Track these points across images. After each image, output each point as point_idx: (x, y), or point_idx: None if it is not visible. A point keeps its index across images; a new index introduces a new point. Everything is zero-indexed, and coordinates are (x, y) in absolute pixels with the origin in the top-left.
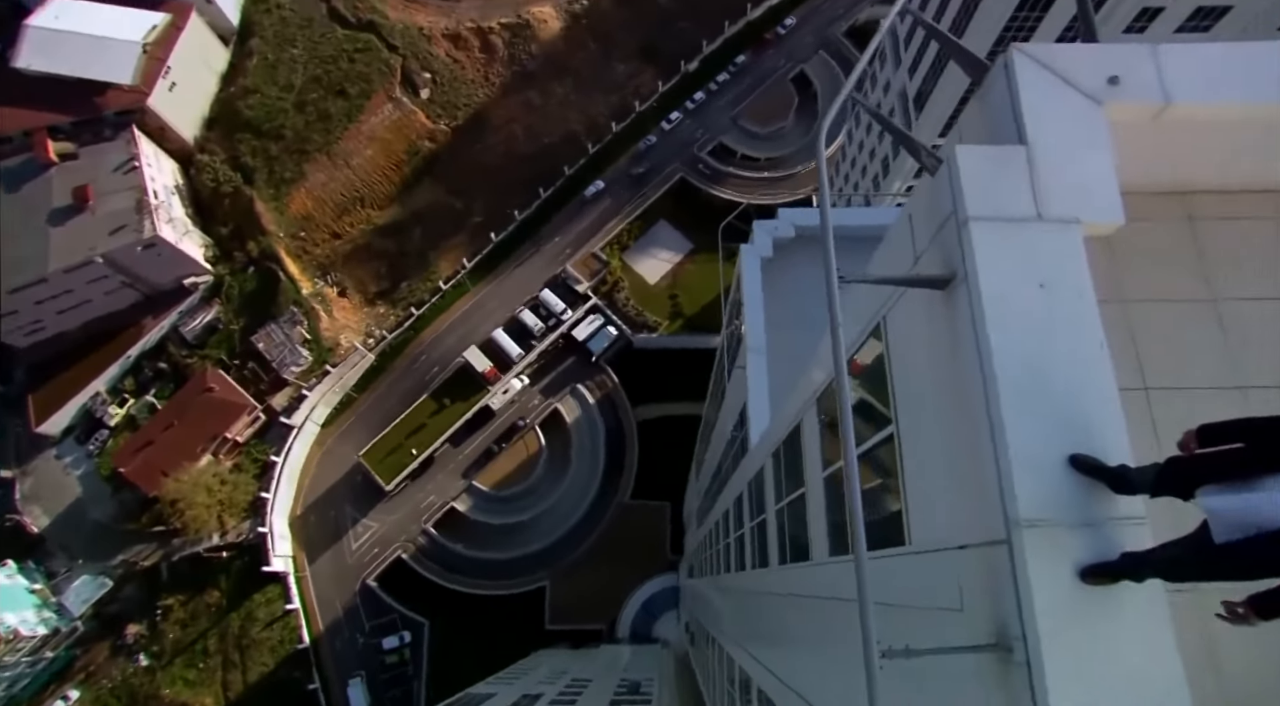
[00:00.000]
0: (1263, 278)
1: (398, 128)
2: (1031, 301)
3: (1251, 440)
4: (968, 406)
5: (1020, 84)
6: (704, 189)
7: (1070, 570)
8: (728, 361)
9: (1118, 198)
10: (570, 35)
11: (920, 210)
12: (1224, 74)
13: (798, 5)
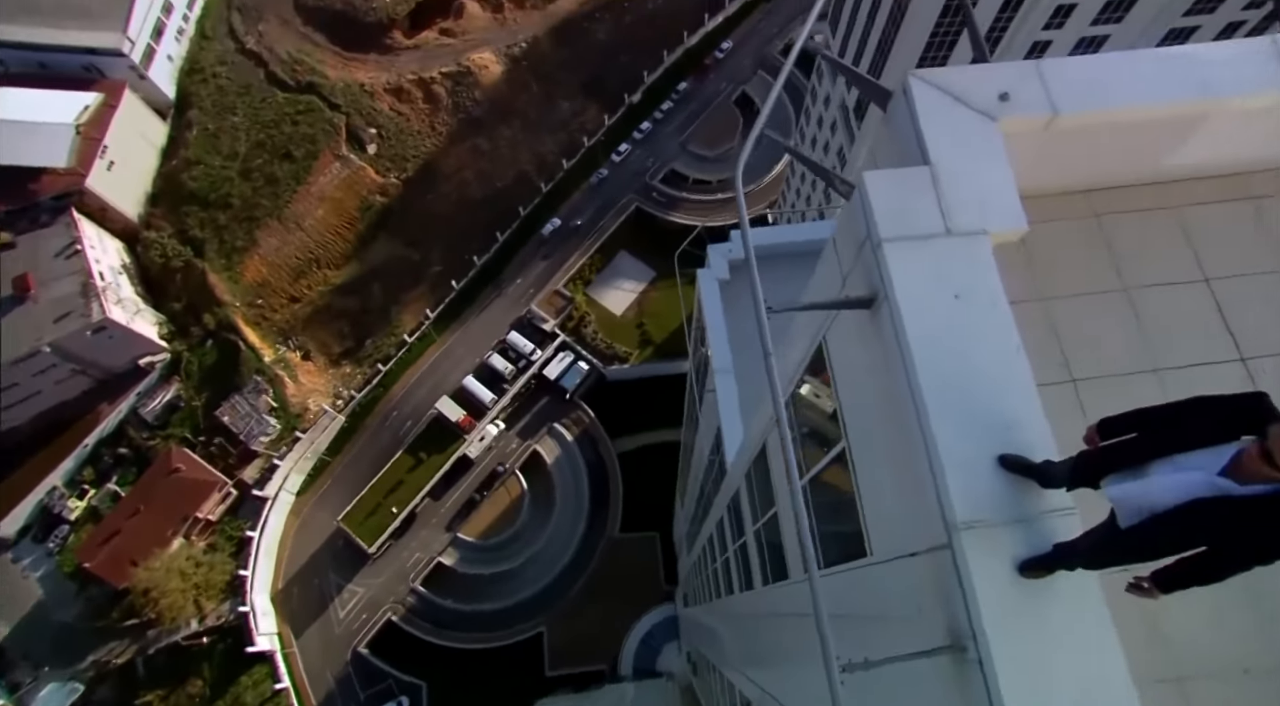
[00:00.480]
0: (1166, 264)
1: (347, 185)
2: (948, 313)
3: (1142, 429)
4: (902, 418)
5: (919, 108)
6: (660, 216)
7: (1009, 566)
8: (698, 386)
9: (1019, 206)
10: (512, 78)
11: (842, 235)
12: (1103, 83)
13: (733, 29)
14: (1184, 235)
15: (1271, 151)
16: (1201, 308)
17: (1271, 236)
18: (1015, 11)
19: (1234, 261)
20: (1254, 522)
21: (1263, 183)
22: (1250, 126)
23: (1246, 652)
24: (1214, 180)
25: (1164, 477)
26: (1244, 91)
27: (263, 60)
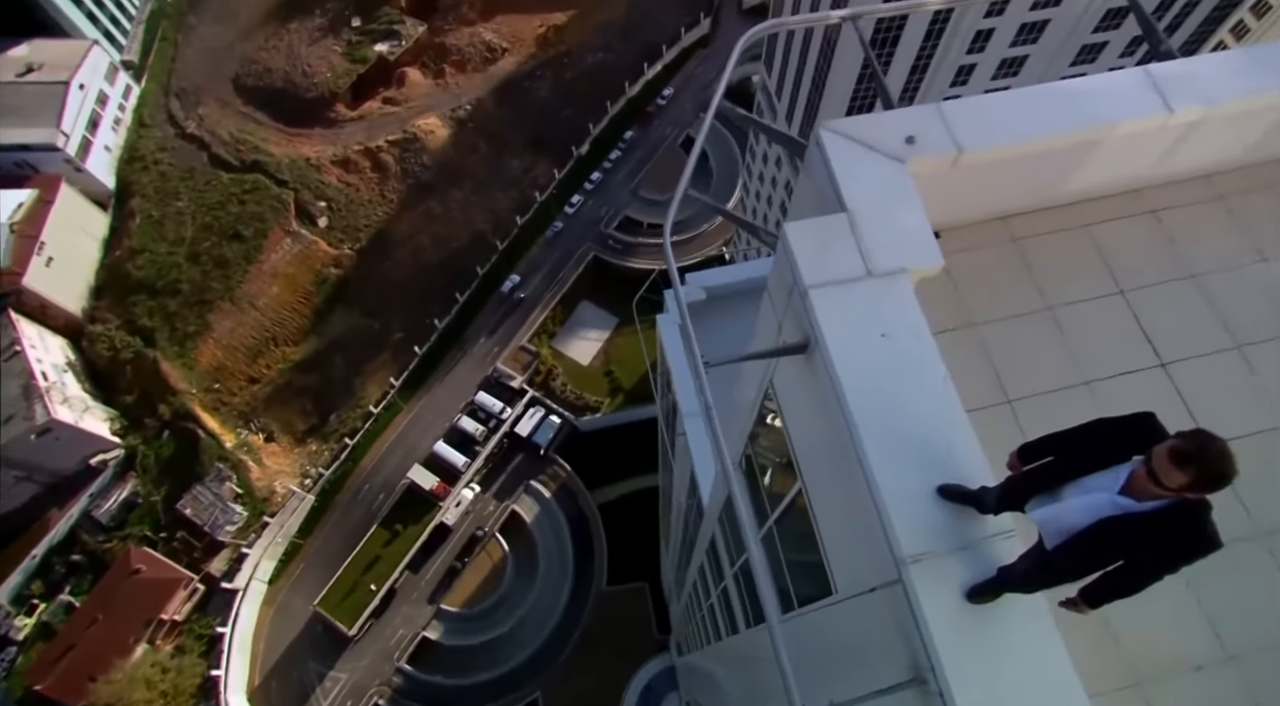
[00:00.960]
0: (1083, 280)
1: (300, 260)
2: (876, 352)
3: (1057, 453)
4: (845, 457)
5: (831, 157)
6: (618, 263)
7: (958, 594)
8: (668, 432)
9: (934, 244)
10: (460, 140)
11: (773, 284)
12: (1002, 119)
13: (672, 77)
14: (1097, 251)
15: (1160, 169)
16: (1120, 319)
17: (1172, 246)
18: (938, 41)
19: (1144, 272)
20: (1156, 535)
21: (1157, 197)
22: (1137, 148)
23: (1197, 650)
24: (1116, 197)
25: (1075, 500)
26: (1127, 117)
27: (205, 143)
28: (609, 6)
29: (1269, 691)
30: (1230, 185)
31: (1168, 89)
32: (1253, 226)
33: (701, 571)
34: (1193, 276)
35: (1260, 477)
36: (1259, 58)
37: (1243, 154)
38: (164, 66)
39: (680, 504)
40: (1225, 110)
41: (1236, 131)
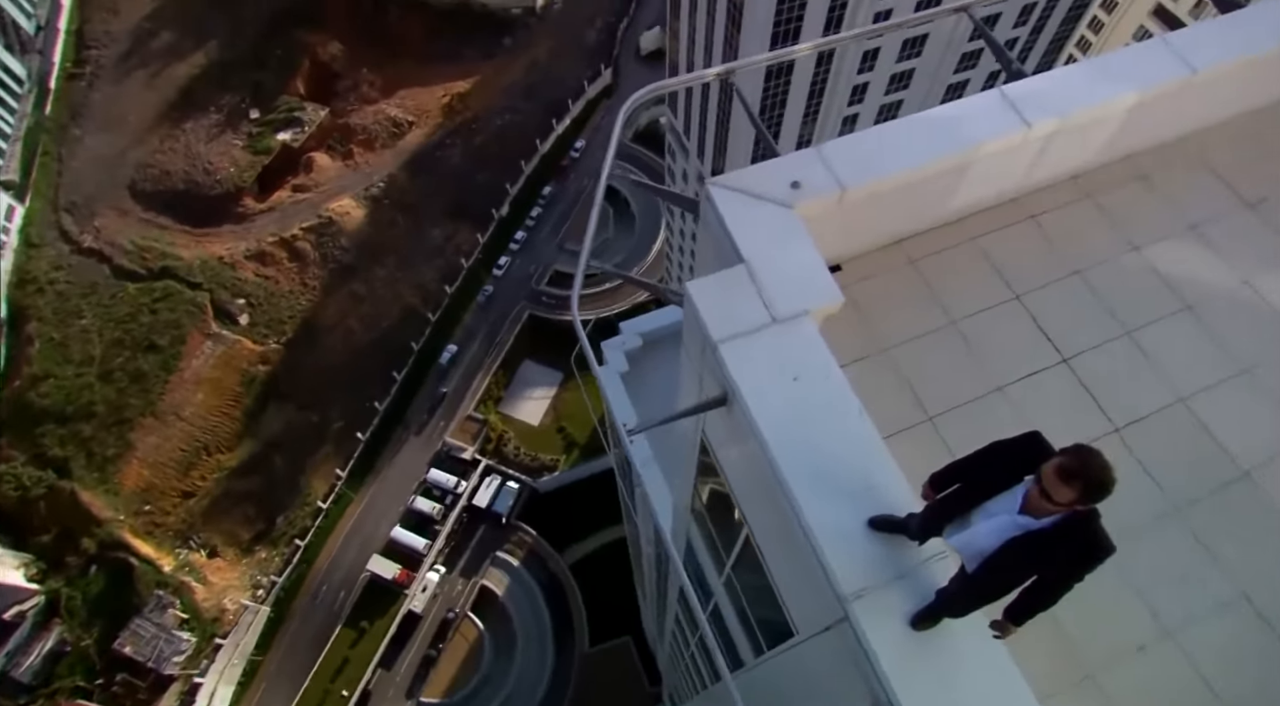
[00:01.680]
0: (980, 290)
1: (224, 362)
2: (790, 397)
3: (960, 480)
4: (777, 500)
5: (722, 211)
6: (554, 318)
7: (902, 624)
8: (625, 483)
9: (832, 282)
10: (377, 218)
11: (688, 341)
12: (878, 154)
13: (582, 129)
14: (988, 261)
15: (1031, 178)
16: (1019, 322)
17: (1054, 246)
18: (821, 98)
19: (1033, 275)
20: (1058, 550)
21: (1033, 203)
22: (1006, 161)
23: (1137, 631)
24: (997, 208)
25: (982, 524)
26: (991, 137)
27: (105, 255)
28: (510, 69)
29: (1207, 660)
30: (1094, 183)
31: (1023, 106)
32: (1120, 218)
33: (678, 619)
34: (1076, 272)
35: (1166, 453)
36: (1098, 69)
37: (1099, 154)
38: (49, 182)
39: (648, 553)
40: (1076, 119)
41: (1089, 136)
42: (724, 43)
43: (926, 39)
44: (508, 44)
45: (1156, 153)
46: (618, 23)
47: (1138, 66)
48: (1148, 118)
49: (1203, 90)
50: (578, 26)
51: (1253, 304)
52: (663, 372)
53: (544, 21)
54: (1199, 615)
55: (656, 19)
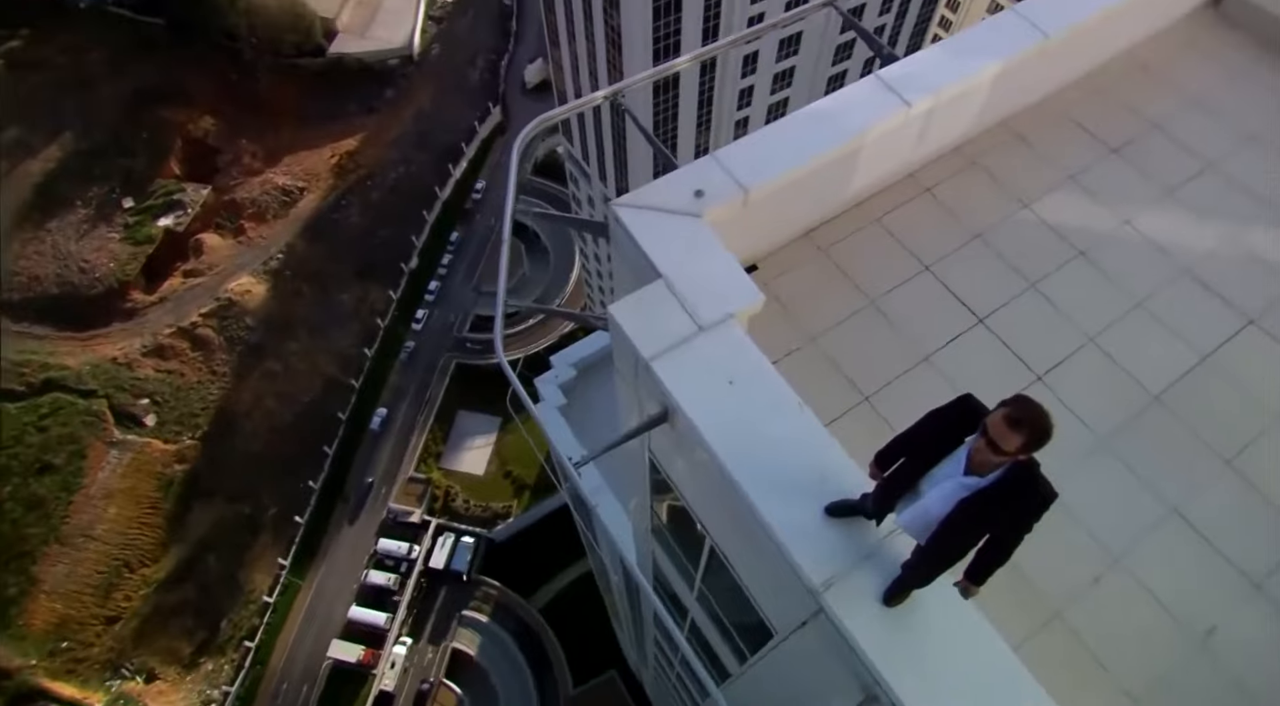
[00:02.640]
0: (892, 267)
1: (135, 470)
2: (729, 399)
3: (904, 453)
4: (733, 505)
5: (631, 229)
6: (482, 363)
7: (876, 605)
8: (581, 516)
9: (749, 283)
10: (280, 291)
11: (619, 365)
12: (773, 152)
13: (480, 169)
14: (893, 238)
15: (920, 152)
16: (933, 292)
17: (952, 215)
18: (710, 106)
19: (937, 244)
20: (1005, 503)
21: (926, 176)
22: (894, 141)
23: (1091, 563)
24: (894, 186)
25: (931, 493)
26: (876, 120)
27: None
28: (396, 120)
29: (1154, 578)
30: (977, 150)
31: (900, 87)
32: (1006, 179)
33: (657, 642)
34: (977, 236)
35: (1086, 392)
36: (962, 45)
37: (977, 122)
38: None
39: (616, 582)
40: (950, 93)
41: (965, 107)
42: (607, 65)
43: (801, 36)
44: (390, 96)
45: (1027, 114)
46: (499, 60)
47: (997, 38)
48: (1014, 83)
49: (1056, 52)
50: (459, 69)
51: (1135, 241)
52: (602, 398)
53: (423, 69)
54: (1139, 537)
55: (537, 51)
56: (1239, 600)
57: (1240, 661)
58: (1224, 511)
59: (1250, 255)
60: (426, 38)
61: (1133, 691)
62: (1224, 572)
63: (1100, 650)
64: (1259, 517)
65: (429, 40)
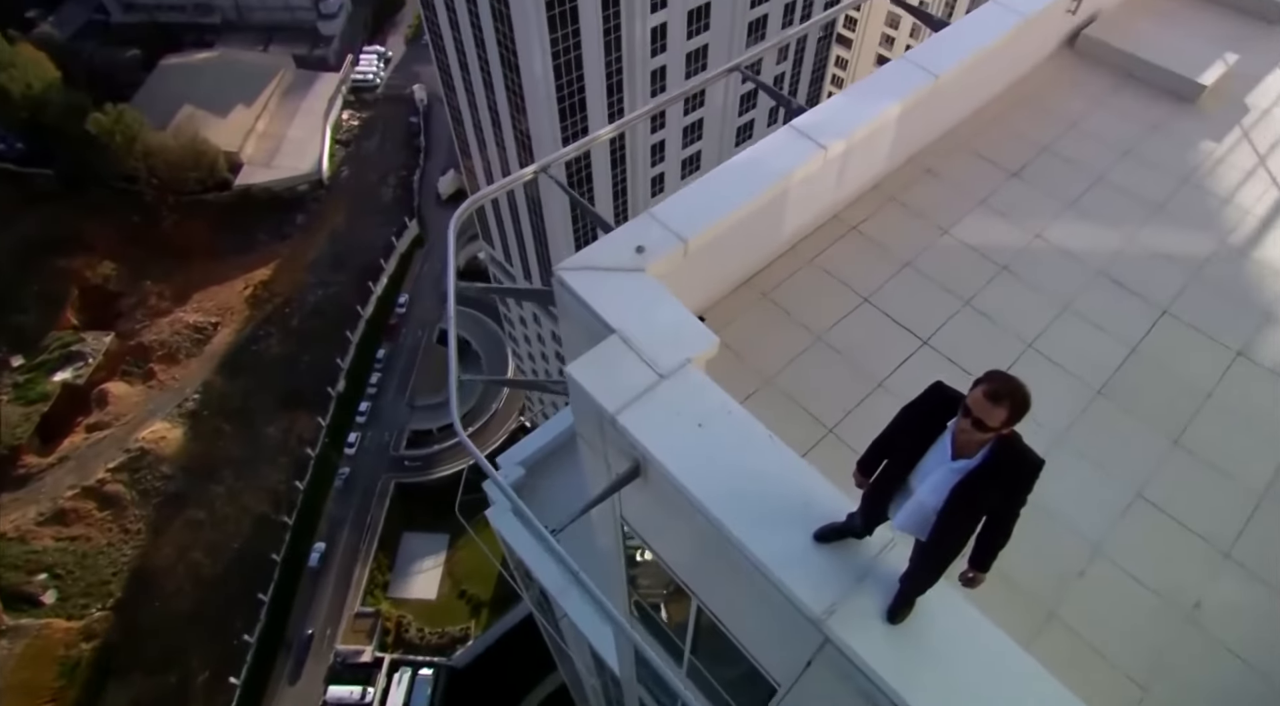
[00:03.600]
0: (832, 303)
1: (31, 658)
2: (700, 441)
3: (886, 454)
4: (721, 552)
5: (579, 291)
6: (423, 480)
7: (881, 624)
8: (547, 619)
9: (703, 327)
10: (200, 432)
11: (582, 427)
12: (705, 203)
13: (401, 283)
14: (829, 275)
15: (842, 192)
16: (875, 321)
17: (880, 248)
18: (624, 166)
19: (872, 277)
20: (998, 479)
21: (850, 215)
22: (816, 184)
23: (1073, 558)
24: (823, 227)
25: (923, 486)
26: (797, 165)
27: None
28: (310, 244)
29: (1136, 564)
30: (893, 186)
31: (814, 134)
32: (924, 210)
33: None
34: (907, 264)
35: (1035, 395)
36: (860, 91)
37: (888, 161)
38: None
39: (594, 686)
40: (859, 134)
41: (875, 147)
42: (519, 165)
43: (705, 91)
44: (301, 221)
45: (932, 150)
46: (410, 175)
47: (893, 82)
48: (915, 122)
49: (946, 90)
50: (371, 187)
51: (1050, 252)
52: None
53: (335, 191)
54: (1113, 524)
55: (449, 163)
56: (1213, 570)
57: (1229, 630)
58: (1181, 488)
59: (1152, 252)
60: (335, 162)
61: (1138, 677)
62: (1195, 546)
63: (1099, 642)
64: (1213, 489)
65: (338, 164)
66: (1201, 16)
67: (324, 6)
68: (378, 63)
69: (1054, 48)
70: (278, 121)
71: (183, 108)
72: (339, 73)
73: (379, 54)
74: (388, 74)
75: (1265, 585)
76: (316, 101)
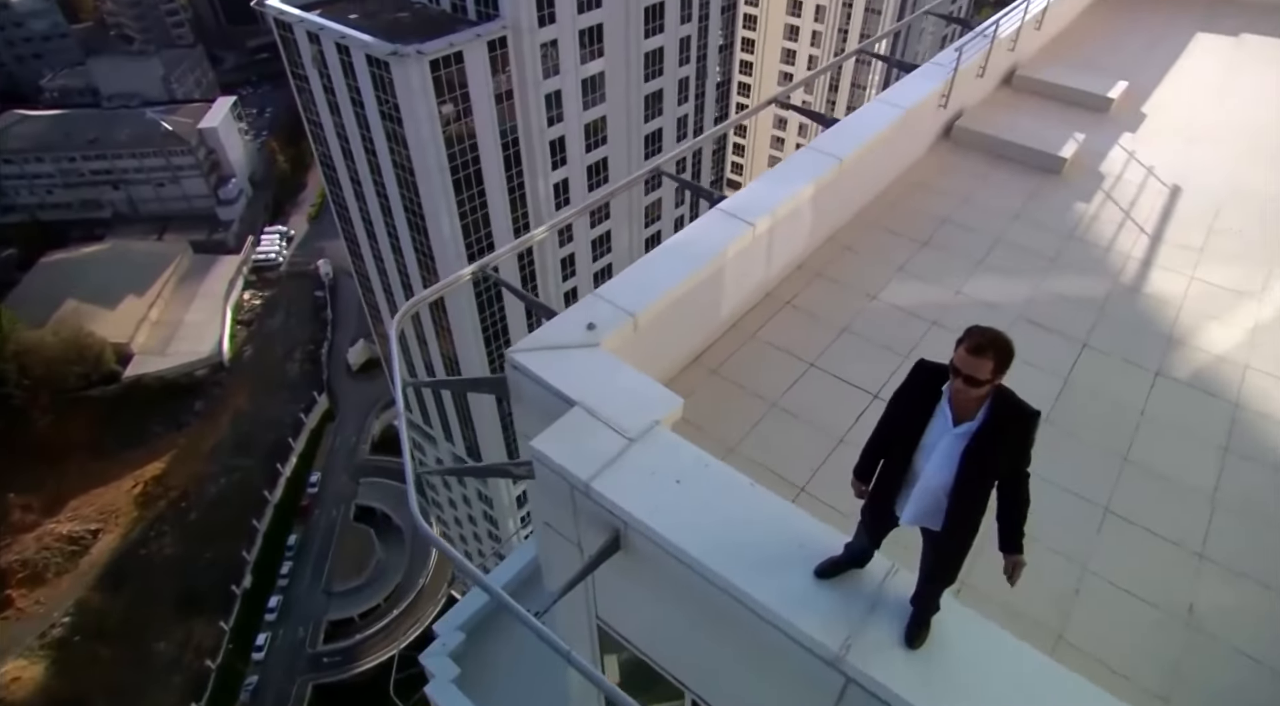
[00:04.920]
0: (780, 372)
1: None
2: (682, 497)
3: (885, 442)
4: (719, 614)
5: (536, 371)
6: (346, 676)
7: (902, 651)
8: None
9: (666, 390)
10: (66, 664)
11: (549, 511)
12: (648, 281)
13: (312, 461)
14: (773, 347)
15: (770, 273)
16: (825, 382)
17: (817, 318)
18: (536, 279)
19: (814, 344)
20: (1007, 431)
21: (782, 292)
22: (748, 260)
23: (1063, 578)
24: (759, 305)
25: (929, 465)
26: (729, 241)
27: None
28: (211, 430)
29: (1124, 577)
30: (818, 263)
31: (740, 213)
32: (850, 281)
33: None
34: (844, 329)
35: None
36: (776, 176)
37: (810, 241)
38: None
39: None
40: (781, 211)
41: (797, 227)
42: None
43: (611, 204)
44: (200, 407)
45: (846, 229)
46: (319, 349)
47: (804, 166)
48: (829, 203)
49: (851, 172)
50: (276, 365)
51: (971, 304)
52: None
53: (236, 372)
54: (1091, 541)
55: (359, 332)
56: (1194, 572)
57: (1228, 629)
58: (1142, 499)
59: (1059, 296)
60: (236, 343)
61: (1158, 691)
62: (1170, 552)
63: (1111, 660)
64: (1170, 496)
65: (239, 344)
66: (1045, 108)
67: (223, 193)
68: (280, 242)
69: (934, 139)
70: (174, 307)
71: (65, 303)
72: (240, 254)
73: (281, 233)
74: (290, 252)
75: (1246, 578)
76: (216, 284)
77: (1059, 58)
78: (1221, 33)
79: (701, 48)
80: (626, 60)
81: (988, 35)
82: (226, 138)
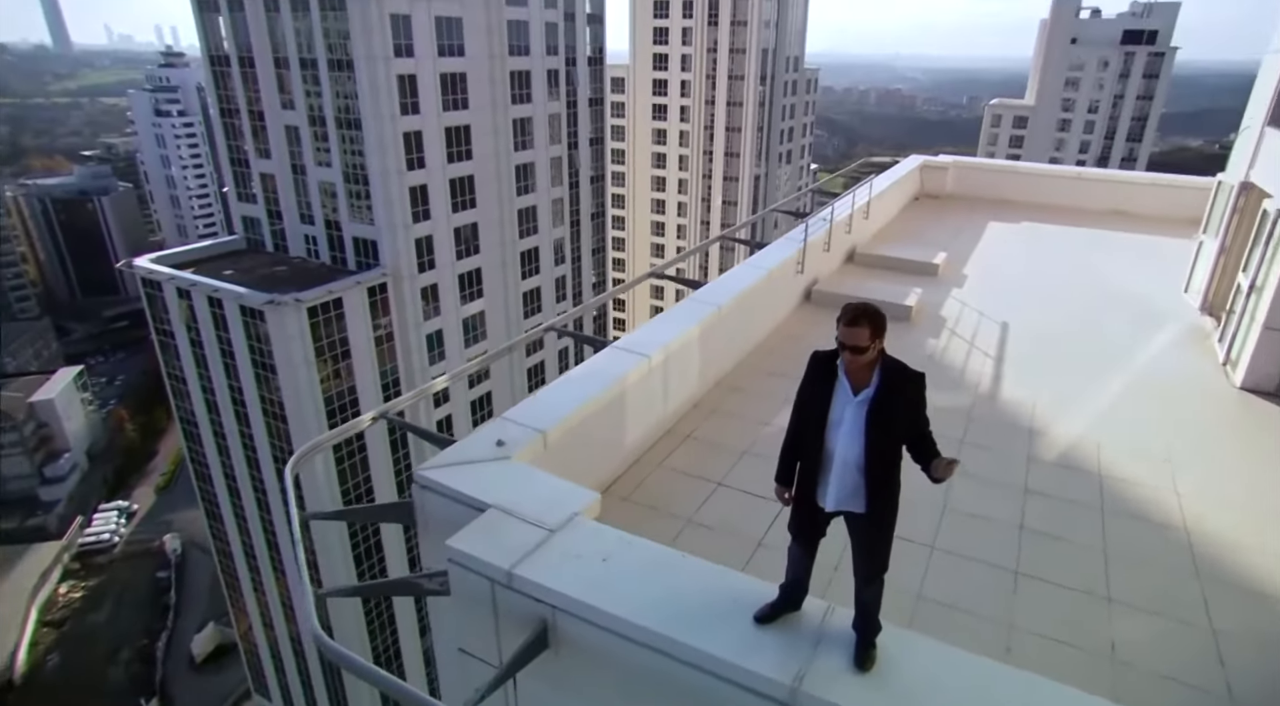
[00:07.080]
0: (689, 494)
1: None
2: (610, 572)
3: (799, 447)
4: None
5: (448, 485)
6: None
7: (855, 676)
8: None
9: (580, 487)
10: None
11: (465, 628)
12: (555, 402)
13: None
14: (679, 472)
15: (668, 409)
16: (735, 497)
17: (717, 446)
18: None
19: (718, 466)
20: (902, 391)
21: (682, 428)
22: (646, 392)
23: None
24: (660, 440)
25: (840, 440)
26: (628, 370)
27: None
28: None
29: (1050, 630)
30: (711, 403)
31: (635, 348)
32: (743, 413)
33: None
34: (745, 452)
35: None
36: (666, 318)
37: (701, 383)
38: None
39: None
40: (673, 346)
41: (688, 364)
42: None
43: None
44: None
45: (733, 373)
46: (153, 643)
47: (690, 311)
48: (713, 346)
49: (729, 317)
50: (93, 671)
51: None
52: None
53: (32, 689)
54: (1009, 603)
55: (208, 615)
56: (1106, 615)
57: (1151, 659)
58: (1044, 560)
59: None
60: (37, 651)
61: None
62: (1082, 600)
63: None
64: (1067, 554)
65: (41, 654)
66: (886, 274)
67: (51, 470)
68: (117, 519)
69: (798, 301)
70: None
71: None
72: (62, 539)
73: (121, 509)
74: (130, 529)
75: (1149, 613)
76: (23, 579)
77: (888, 241)
78: (1007, 221)
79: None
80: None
81: (826, 219)
82: (65, 409)
